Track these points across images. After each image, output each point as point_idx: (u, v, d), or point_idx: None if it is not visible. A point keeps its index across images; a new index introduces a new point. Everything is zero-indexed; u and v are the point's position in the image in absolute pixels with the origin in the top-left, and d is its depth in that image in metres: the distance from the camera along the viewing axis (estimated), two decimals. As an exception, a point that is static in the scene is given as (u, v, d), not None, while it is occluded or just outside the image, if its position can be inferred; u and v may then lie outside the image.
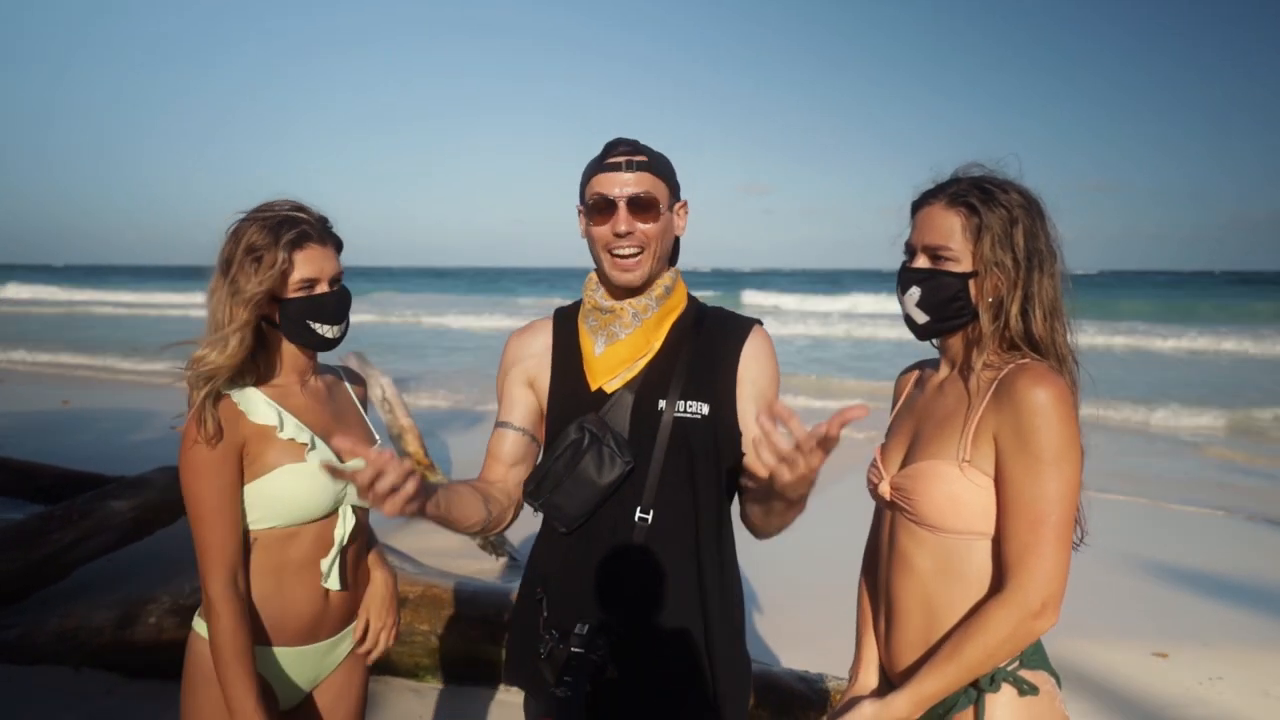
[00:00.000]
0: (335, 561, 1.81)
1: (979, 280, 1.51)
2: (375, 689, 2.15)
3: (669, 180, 1.77)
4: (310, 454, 1.76)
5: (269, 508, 1.74)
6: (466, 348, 19.63)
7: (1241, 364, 16.87)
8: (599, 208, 1.73)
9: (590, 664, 1.63)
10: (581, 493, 1.71)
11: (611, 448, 1.70)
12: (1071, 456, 1.40)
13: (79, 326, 23.52)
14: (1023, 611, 1.39)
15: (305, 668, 1.84)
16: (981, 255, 1.49)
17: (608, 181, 1.72)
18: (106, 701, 3.33)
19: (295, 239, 1.71)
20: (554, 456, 1.73)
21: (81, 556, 4.09)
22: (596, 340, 1.78)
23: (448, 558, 4.89)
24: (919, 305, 1.55)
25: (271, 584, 1.77)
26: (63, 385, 11.90)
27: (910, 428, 1.64)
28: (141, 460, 5.66)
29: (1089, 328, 13.80)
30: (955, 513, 1.48)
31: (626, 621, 1.71)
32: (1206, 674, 3.86)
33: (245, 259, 1.68)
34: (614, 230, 1.71)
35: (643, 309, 1.77)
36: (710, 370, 1.77)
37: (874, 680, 1.72)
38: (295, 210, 1.75)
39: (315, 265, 1.74)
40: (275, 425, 1.74)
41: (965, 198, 1.51)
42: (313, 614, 1.82)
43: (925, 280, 1.54)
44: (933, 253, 1.54)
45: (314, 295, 1.75)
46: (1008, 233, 1.49)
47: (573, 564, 1.75)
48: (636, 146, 1.76)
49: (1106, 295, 37.45)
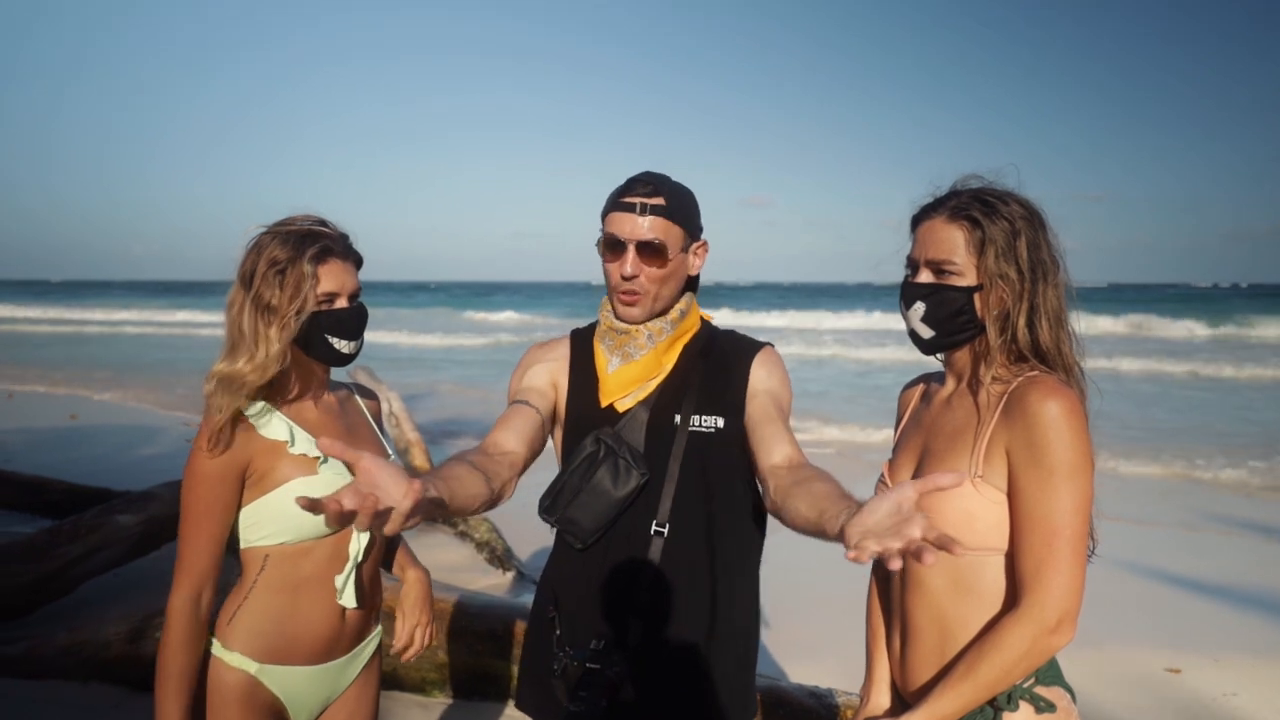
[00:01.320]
0: (350, 577, 1.78)
1: (984, 293, 1.49)
2: (383, 704, 2.14)
3: (686, 224, 1.75)
4: (323, 467, 1.74)
5: (280, 523, 1.71)
6: (471, 361, 19.66)
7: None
8: (610, 246, 1.74)
9: (606, 680, 1.62)
10: (597, 505, 1.70)
11: (627, 460, 1.69)
12: (1084, 469, 1.39)
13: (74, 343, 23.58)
14: (1039, 627, 1.37)
15: (320, 687, 1.82)
16: (985, 268, 1.48)
17: (620, 222, 1.72)
18: (114, 715, 3.32)
19: (319, 253, 1.71)
20: (569, 470, 1.72)
21: (89, 570, 4.09)
22: (611, 359, 1.79)
23: (455, 572, 4.88)
24: (924, 320, 1.54)
25: (287, 602, 1.74)
26: (70, 401, 11.95)
27: (918, 443, 1.63)
28: (148, 475, 5.68)
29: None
30: (969, 529, 1.45)
31: (642, 637, 1.69)
32: (1220, 689, 3.83)
33: (269, 271, 1.68)
34: (620, 273, 1.72)
35: (657, 331, 1.78)
36: (723, 386, 1.77)
37: (886, 701, 1.70)
38: (318, 225, 1.76)
39: (337, 280, 1.73)
40: (286, 440, 1.73)
41: (967, 211, 1.50)
42: (329, 632, 1.79)
43: (930, 295, 1.52)
44: (936, 267, 1.52)
45: (334, 310, 1.73)
46: (1011, 245, 1.48)
47: (588, 579, 1.74)
48: (657, 187, 1.73)
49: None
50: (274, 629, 1.74)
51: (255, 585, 1.74)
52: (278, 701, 1.76)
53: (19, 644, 3.64)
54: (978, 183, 1.56)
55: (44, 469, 6.21)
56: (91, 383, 13.99)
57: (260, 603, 1.73)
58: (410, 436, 6.34)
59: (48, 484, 5.67)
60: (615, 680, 1.63)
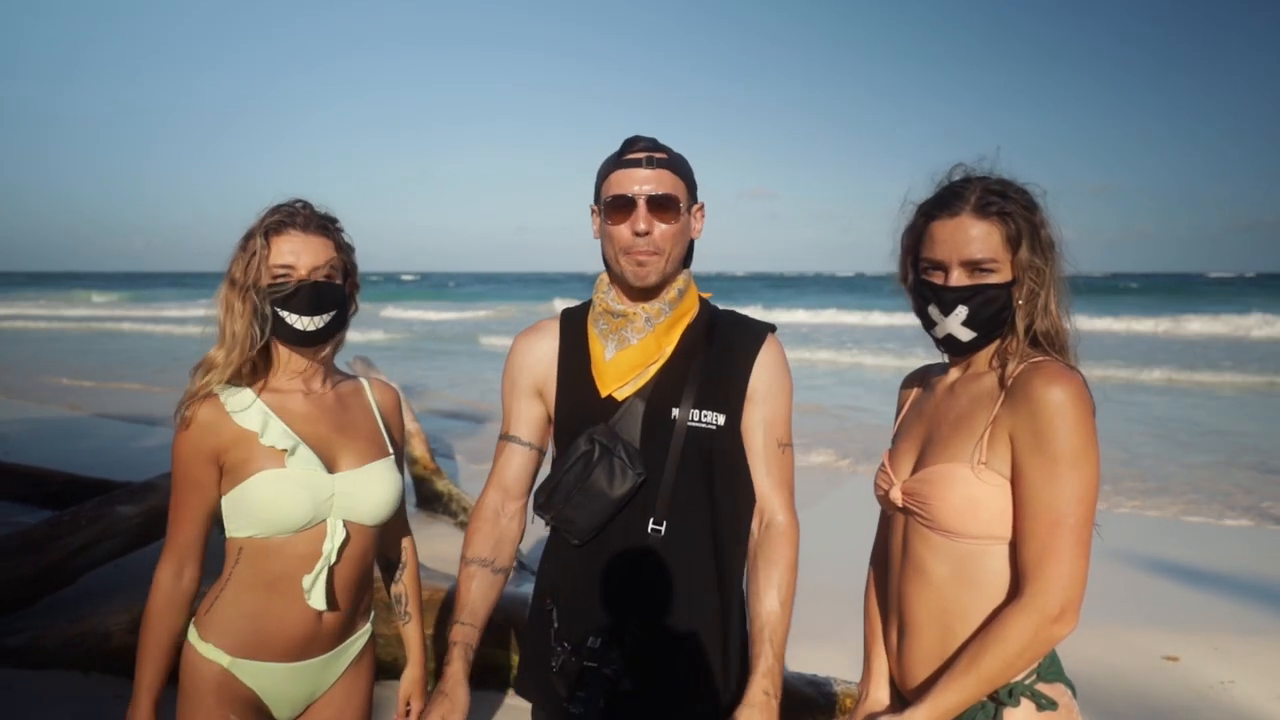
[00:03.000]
0: (319, 577, 1.69)
1: (1019, 287, 1.48)
2: (381, 693, 2.13)
3: (688, 180, 1.72)
4: (290, 460, 1.69)
5: (248, 515, 1.68)
6: (470, 352, 19.64)
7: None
8: (617, 205, 1.67)
9: (603, 678, 1.62)
10: (592, 505, 1.67)
11: (623, 459, 1.66)
12: (1090, 456, 1.37)
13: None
14: (1041, 617, 1.35)
15: (299, 684, 1.78)
16: (1020, 262, 1.46)
17: (627, 179, 1.67)
18: (115, 706, 3.33)
19: (274, 225, 1.68)
20: (564, 469, 1.69)
21: (90, 561, 4.10)
22: (607, 345, 1.73)
23: (455, 563, 4.86)
24: (966, 324, 1.49)
25: (260, 598, 1.70)
26: (69, 392, 11.94)
27: (921, 432, 1.61)
28: (149, 465, 5.68)
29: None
30: (974, 516, 1.44)
31: (639, 634, 1.68)
32: (1218, 677, 3.84)
33: (237, 246, 1.69)
34: (633, 229, 1.66)
35: (656, 313, 1.72)
36: (724, 379, 1.73)
37: (885, 696, 1.69)
38: (293, 202, 1.74)
39: (292, 253, 1.68)
40: (258, 431, 1.69)
41: (993, 206, 1.47)
42: (302, 631, 1.74)
43: (972, 297, 1.48)
44: (974, 266, 1.47)
45: (284, 282, 1.68)
46: (1036, 234, 1.47)
47: (584, 576, 1.72)
48: (655, 144, 1.71)
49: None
50: (247, 625, 1.71)
51: (231, 578, 1.72)
52: (254, 695, 1.73)
53: (21, 635, 3.64)
54: (962, 172, 1.54)
55: (45, 460, 6.22)
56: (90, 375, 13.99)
57: (234, 596, 1.71)
58: (411, 427, 6.34)
59: (48, 475, 5.67)
60: (613, 678, 1.62)
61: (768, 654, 1.66)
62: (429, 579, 3.71)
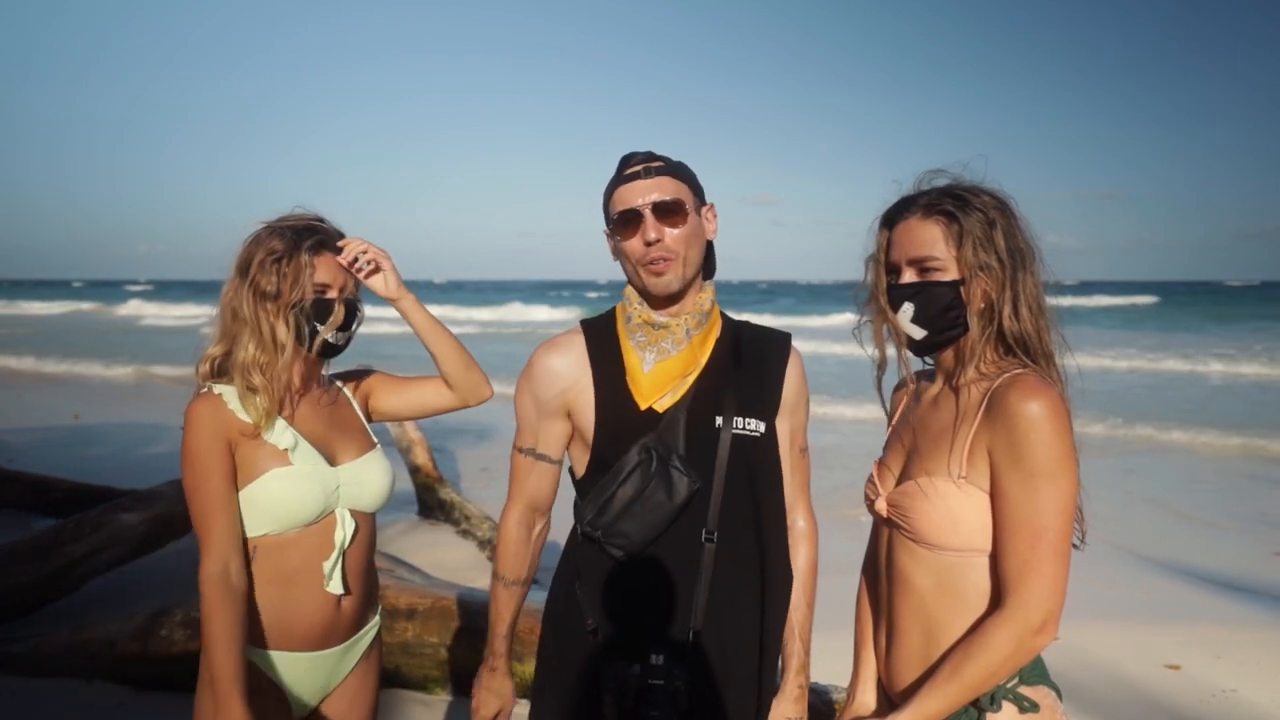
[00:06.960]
0: (337, 564, 1.80)
1: (967, 287, 1.50)
2: (384, 700, 2.15)
3: (690, 183, 1.74)
4: (294, 456, 1.77)
5: (262, 513, 1.75)
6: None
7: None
8: (625, 220, 1.69)
9: (673, 693, 1.62)
10: (650, 517, 1.66)
11: (679, 468, 1.66)
12: (1067, 468, 1.38)
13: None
14: (1024, 628, 1.37)
15: (318, 673, 1.85)
16: (966, 260, 1.48)
17: (629, 193, 1.69)
18: (119, 714, 3.34)
19: (315, 245, 1.78)
20: (618, 482, 1.67)
21: (93, 569, 4.12)
22: (645, 356, 1.73)
23: (458, 570, 4.89)
24: (914, 321, 1.53)
25: (278, 592, 1.77)
26: (73, 400, 11.98)
27: (906, 443, 1.63)
28: (152, 473, 5.70)
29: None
30: (954, 530, 1.46)
31: (701, 646, 1.68)
32: (1220, 686, 3.83)
33: (266, 259, 1.74)
34: (644, 239, 1.67)
35: (694, 325, 1.74)
36: (760, 387, 1.76)
37: (872, 699, 1.70)
38: (316, 220, 1.84)
39: (330, 273, 1.80)
40: (258, 423, 1.75)
41: (940, 206, 1.51)
42: (323, 620, 1.82)
43: (916, 294, 1.52)
44: (919, 265, 1.52)
45: (325, 299, 1.79)
46: (988, 235, 1.48)
47: (636, 590, 1.71)
48: (651, 155, 1.74)
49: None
50: (269, 618, 1.77)
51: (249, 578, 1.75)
52: (275, 686, 1.78)
53: (25, 642, 3.66)
54: (944, 179, 1.56)
55: (48, 468, 6.24)
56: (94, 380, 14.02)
57: (253, 594, 1.75)
58: (413, 435, 6.35)
59: (52, 483, 5.70)
60: (680, 693, 1.62)
61: (799, 650, 1.81)
62: (433, 586, 3.72)
